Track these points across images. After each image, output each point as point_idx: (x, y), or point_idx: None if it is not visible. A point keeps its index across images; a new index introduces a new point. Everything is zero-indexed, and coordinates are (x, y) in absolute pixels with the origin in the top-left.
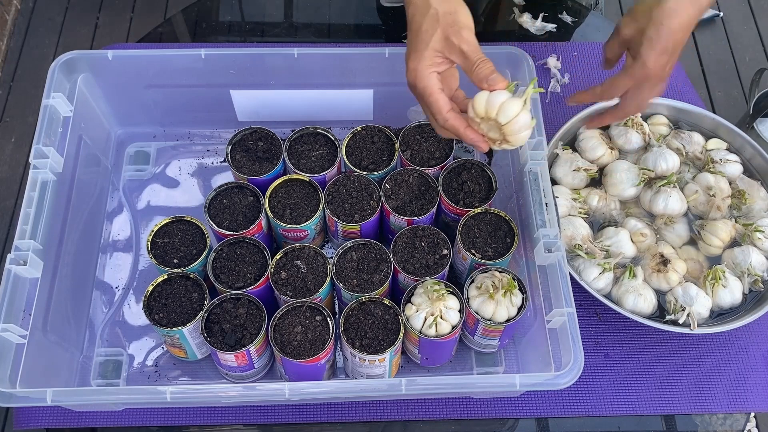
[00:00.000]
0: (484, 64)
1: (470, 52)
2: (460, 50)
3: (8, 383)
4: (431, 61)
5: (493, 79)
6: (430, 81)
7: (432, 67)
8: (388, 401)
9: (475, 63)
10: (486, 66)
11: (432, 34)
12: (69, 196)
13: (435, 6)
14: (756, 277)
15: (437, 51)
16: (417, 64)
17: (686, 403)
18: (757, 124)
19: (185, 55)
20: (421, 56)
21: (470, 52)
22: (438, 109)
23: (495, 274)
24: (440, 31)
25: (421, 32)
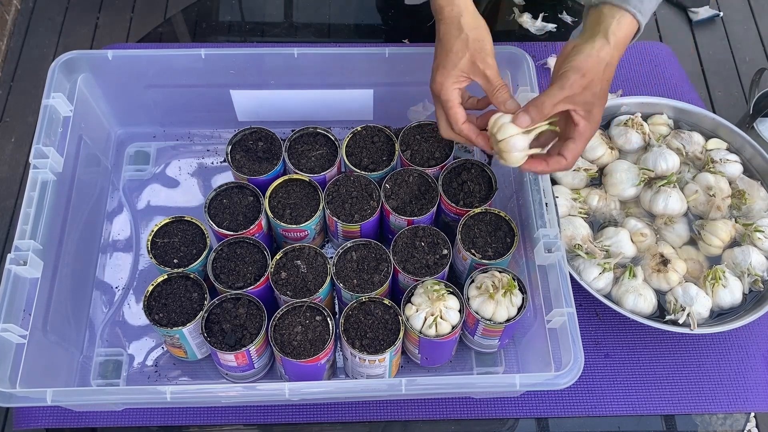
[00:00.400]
0: (503, 90)
1: (492, 77)
2: (484, 74)
3: (8, 383)
4: (456, 79)
5: (510, 104)
6: (453, 95)
7: (456, 84)
8: (388, 401)
9: (496, 88)
10: (504, 92)
11: (461, 57)
12: (69, 196)
13: (467, 31)
14: (756, 277)
15: (463, 72)
16: (444, 80)
17: (686, 403)
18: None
19: (185, 55)
20: (448, 74)
21: (492, 77)
22: (455, 120)
23: (495, 274)
24: (469, 56)
25: (452, 53)
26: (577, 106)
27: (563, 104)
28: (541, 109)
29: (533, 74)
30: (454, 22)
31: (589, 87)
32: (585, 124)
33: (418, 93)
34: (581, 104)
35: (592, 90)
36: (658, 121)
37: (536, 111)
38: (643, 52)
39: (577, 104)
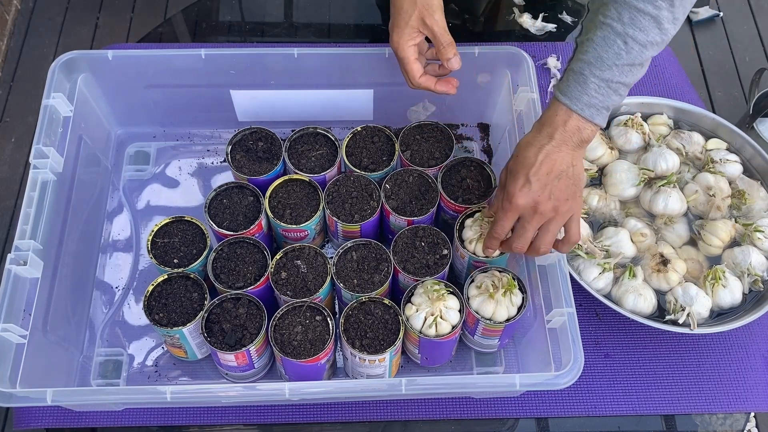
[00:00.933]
0: (450, 47)
1: (439, 33)
2: (431, 30)
3: (8, 383)
4: (409, 36)
5: (453, 62)
6: (408, 52)
7: (410, 40)
8: (388, 401)
9: (443, 44)
10: (450, 49)
11: (411, 14)
12: (69, 196)
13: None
14: (756, 277)
15: (414, 28)
16: (399, 38)
17: (686, 403)
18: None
19: (185, 55)
20: (402, 32)
21: (439, 33)
22: (413, 74)
23: (495, 273)
24: (417, 12)
25: (402, 11)
26: None
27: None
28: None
29: (533, 74)
30: None
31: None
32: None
33: (418, 93)
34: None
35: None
36: (657, 121)
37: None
38: None
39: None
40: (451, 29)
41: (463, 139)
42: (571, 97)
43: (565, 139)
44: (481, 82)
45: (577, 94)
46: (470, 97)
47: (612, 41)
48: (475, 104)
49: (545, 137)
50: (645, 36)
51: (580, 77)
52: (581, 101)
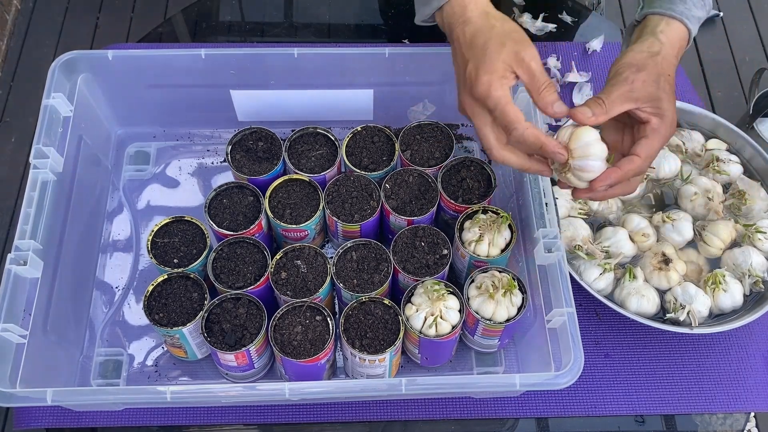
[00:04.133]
0: (550, 89)
1: (538, 71)
2: (528, 67)
3: (8, 383)
4: (503, 74)
5: (558, 106)
6: (504, 92)
7: (504, 79)
8: (388, 401)
9: (543, 84)
10: (552, 91)
11: (501, 48)
12: (69, 196)
13: (498, 25)
14: (757, 278)
15: (507, 64)
16: (490, 76)
17: (686, 403)
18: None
19: (185, 55)
20: (493, 68)
21: (538, 71)
22: (517, 118)
23: (495, 273)
24: (510, 46)
25: (489, 47)
26: (642, 103)
27: (623, 102)
28: (601, 104)
29: None
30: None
31: (647, 81)
32: (657, 121)
33: (418, 93)
34: (645, 99)
35: (653, 83)
36: None
37: (597, 106)
38: None
39: (640, 100)
40: None
41: (463, 139)
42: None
43: (680, 57)
44: None
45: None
46: None
47: None
48: None
49: (675, 58)
50: None
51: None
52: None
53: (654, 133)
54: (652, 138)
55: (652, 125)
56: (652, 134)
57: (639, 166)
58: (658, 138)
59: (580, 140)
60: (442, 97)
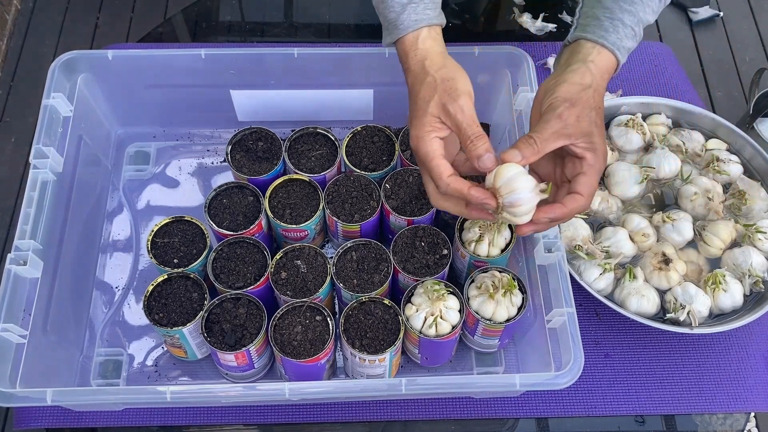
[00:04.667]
0: (481, 140)
1: (465, 123)
2: (455, 119)
3: (8, 383)
4: (431, 127)
5: (487, 160)
6: (432, 146)
7: (433, 132)
8: (388, 401)
9: (470, 138)
10: (482, 143)
11: (429, 100)
12: (69, 196)
13: (432, 73)
14: (757, 278)
15: (435, 117)
16: (418, 131)
17: (686, 403)
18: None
19: (185, 55)
20: (421, 123)
21: (465, 123)
22: (439, 174)
23: (495, 273)
24: (437, 98)
25: (419, 99)
26: (575, 139)
27: (557, 139)
28: (531, 144)
29: (533, 74)
30: (419, 67)
31: (581, 116)
32: (592, 156)
33: None
34: (579, 135)
35: (586, 118)
36: (656, 121)
37: (527, 147)
38: (643, 52)
39: (573, 136)
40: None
41: None
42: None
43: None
44: (481, 82)
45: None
46: None
47: None
48: (475, 104)
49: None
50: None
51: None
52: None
53: (591, 169)
54: (589, 174)
55: (588, 161)
56: (590, 170)
57: (583, 205)
58: (594, 173)
59: (503, 177)
60: None
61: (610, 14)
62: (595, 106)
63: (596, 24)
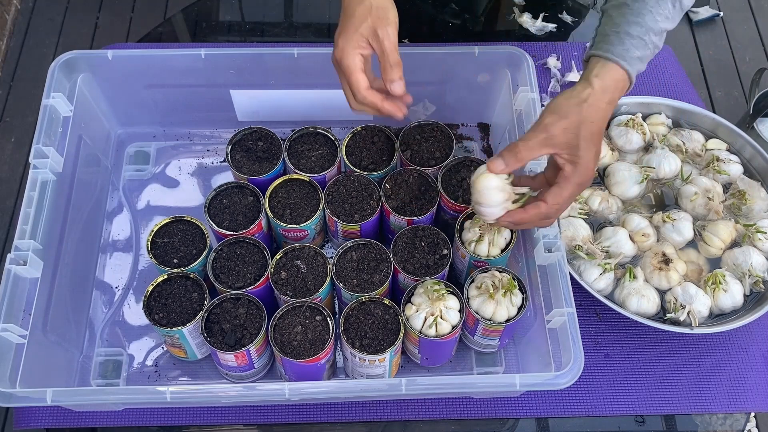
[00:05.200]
0: (397, 68)
1: (388, 49)
2: (381, 43)
3: (8, 383)
4: (357, 44)
5: (397, 86)
6: (354, 60)
7: (357, 49)
8: (388, 401)
9: (390, 63)
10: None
11: (362, 21)
12: (69, 196)
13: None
14: (757, 278)
15: (364, 37)
16: (345, 44)
17: (686, 403)
18: (757, 124)
19: (185, 55)
20: (350, 38)
21: (388, 49)
22: (357, 87)
23: (495, 273)
24: (370, 21)
25: (354, 17)
26: (559, 149)
27: (541, 147)
28: (515, 152)
29: (533, 74)
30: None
31: (569, 128)
32: (570, 169)
33: (418, 93)
34: (563, 146)
35: (574, 132)
36: (656, 121)
37: (510, 155)
38: None
39: (557, 147)
40: (451, 29)
41: (463, 139)
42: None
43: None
44: (481, 82)
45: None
46: (470, 97)
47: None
48: (475, 104)
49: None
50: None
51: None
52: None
53: (565, 181)
54: (562, 186)
55: (565, 173)
56: (563, 182)
57: (545, 212)
58: (568, 186)
59: (478, 185)
60: (442, 97)
61: (616, 28)
62: (586, 119)
63: (603, 40)
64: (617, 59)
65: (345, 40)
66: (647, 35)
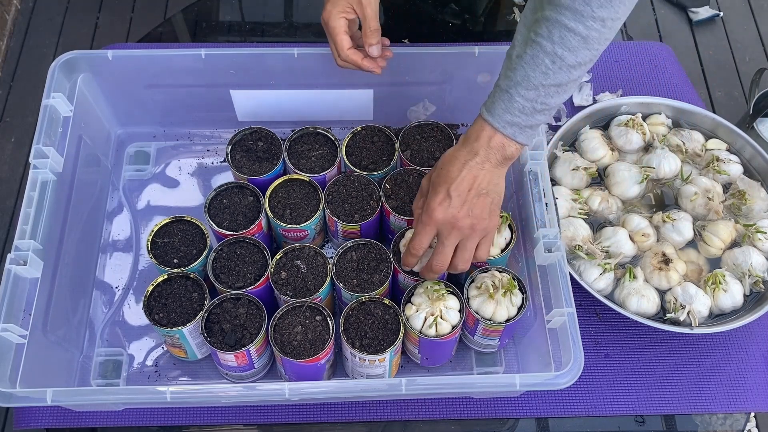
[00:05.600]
0: (375, 34)
1: (369, 16)
2: (365, 10)
3: (8, 383)
4: (342, 8)
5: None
6: (339, 23)
7: (342, 13)
8: (388, 401)
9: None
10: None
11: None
12: (69, 196)
13: None
14: (757, 278)
15: (349, 3)
16: (332, 7)
17: (686, 403)
18: (757, 124)
19: (185, 55)
20: (336, 2)
21: (369, 16)
22: (341, 46)
23: (495, 273)
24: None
25: None
26: None
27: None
28: None
29: None
30: None
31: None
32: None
33: (418, 93)
34: None
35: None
36: (655, 121)
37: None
38: (643, 52)
39: None
40: (451, 29)
41: None
42: (495, 115)
43: (488, 156)
44: (481, 82)
45: (501, 113)
46: (470, 97)
47: (540, 60)
48: (475, 104)
49: (469, 153)
50: (574, 57)
51: (506, 95)
52: (504, 119)
53: None
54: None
55: None
56: None
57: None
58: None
59: None
60: (442, 97)
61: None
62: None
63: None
64: (482, 111)
65: (332, 4)
66: (514, 89)
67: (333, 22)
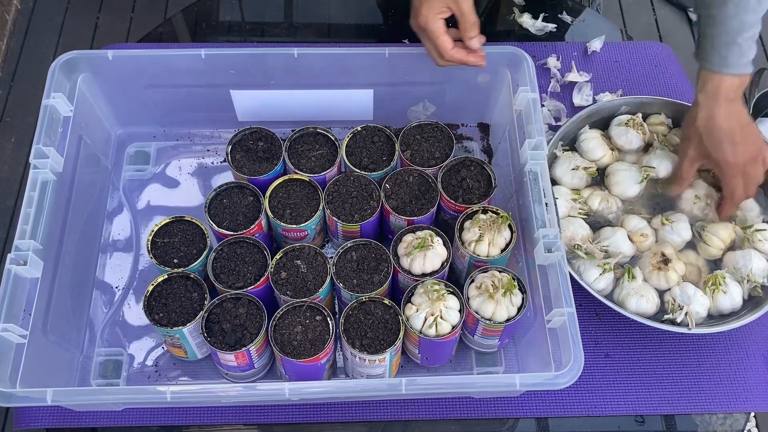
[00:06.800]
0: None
1: (467, 11)
2: (460, 7)
3: (8, 383)
4: (439, 10)
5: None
6: (438, 24)
7: (439, 14)
8: (388, 401)
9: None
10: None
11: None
12: (69, 196)
13: None
14: (756, 284)
15: (443, 2)
16: (428, 11)
17: (686, 403)
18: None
19: (185, 55)
20: (431, 5)
21: (467, 11)
22: (444, 48)
23: (495, 273)
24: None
25: None
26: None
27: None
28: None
29: (533, 74)
30: None
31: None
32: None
33: (418, 93)
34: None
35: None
36: (655, 121)
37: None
38: (643, 52)
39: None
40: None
41: (463, 139)
42: (731, 65)
43: (737, 98)
44: (481, 82)
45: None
46: (470, 97)
47: (746, 3)
48: (475, 104)
49: (725, 103)
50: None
51: (735, 46)
52: (740, 64)
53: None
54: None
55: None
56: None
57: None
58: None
59: None
60: (442, 97)
61: (710, 41)
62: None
63: (702, 54)
64: (716, 69)
65: (428, 7)
66: (739, 36)
67: (432, 25)
